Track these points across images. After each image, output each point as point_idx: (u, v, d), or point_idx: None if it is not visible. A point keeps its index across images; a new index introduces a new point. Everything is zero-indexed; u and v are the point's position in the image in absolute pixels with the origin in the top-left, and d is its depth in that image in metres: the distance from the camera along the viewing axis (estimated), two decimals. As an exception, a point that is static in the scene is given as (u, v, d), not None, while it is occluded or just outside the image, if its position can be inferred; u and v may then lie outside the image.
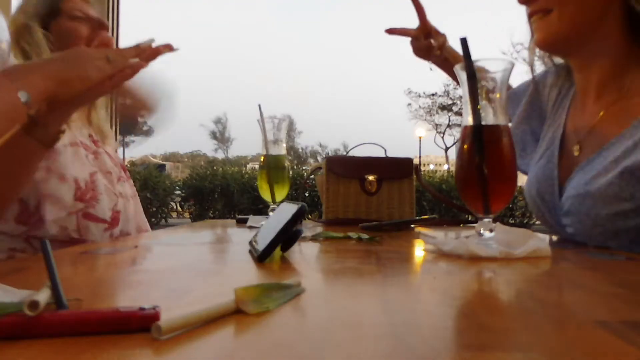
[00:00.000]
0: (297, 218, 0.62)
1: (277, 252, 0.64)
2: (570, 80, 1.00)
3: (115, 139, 1.43)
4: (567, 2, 0.85)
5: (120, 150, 1.29)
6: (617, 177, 0.78)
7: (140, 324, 0.30)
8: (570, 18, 0.85)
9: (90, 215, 1.04)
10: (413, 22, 1.23)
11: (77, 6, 1.14)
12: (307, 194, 6.58)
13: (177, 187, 8.82)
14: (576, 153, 0.90)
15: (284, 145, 1.20)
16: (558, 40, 0.88)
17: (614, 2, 0.84)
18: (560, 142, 0.95)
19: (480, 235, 0.66)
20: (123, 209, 1.13)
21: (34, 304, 0.30)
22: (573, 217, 0.87)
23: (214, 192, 7.73)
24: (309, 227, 1.17)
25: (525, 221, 10.41)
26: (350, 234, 0.90)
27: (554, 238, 0.95)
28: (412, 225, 1.17)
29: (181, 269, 0.59)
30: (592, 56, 0.89)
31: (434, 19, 1.23)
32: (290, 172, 1.21)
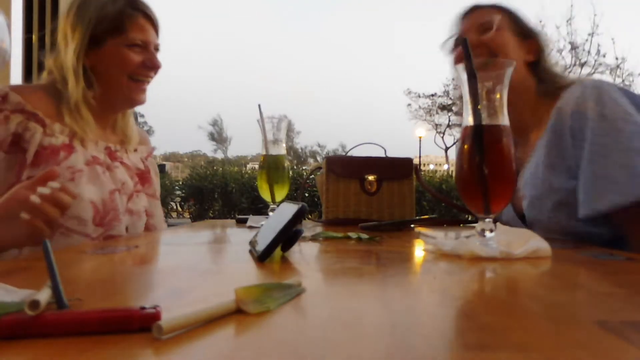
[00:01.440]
0: (297, 218, 0.62)
1: (277, 252, 0.64)
2: None
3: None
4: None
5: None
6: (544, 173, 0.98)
7: (141, 324, 0.30)
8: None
9: (111, 237, 1.05)
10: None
11: (142, 34, 1.10)
12: (307, 194, 6.57)
13: (177, 187, 8.82)
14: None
15: (284, 145, 1.20)
16: None
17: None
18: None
19: (480, 235, 0.67)
20: (132, 227, 1.14)
21: (34, 304, 0.30)
22: (525, 200, 1.03)
23: (213, 192, 7.73)
24: (309, 227, 1.17)
25: (525, 221, 10.37)
26: (350, 234, 0.90)
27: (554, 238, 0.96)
28: (412, 225, 1.17)
29: (181, 269, 0.59)
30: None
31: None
32: (290, 172, 1.21)
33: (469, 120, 0.67)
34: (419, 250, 0.76)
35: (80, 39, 1.07)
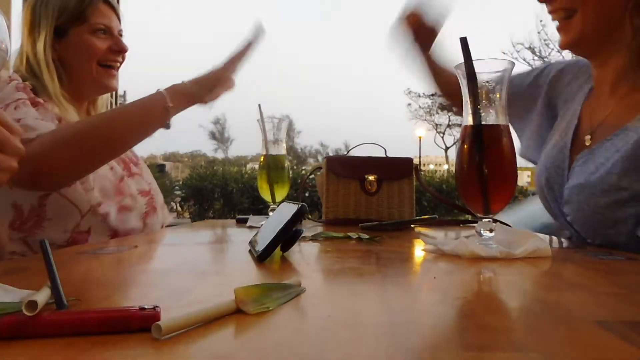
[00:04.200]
0: (297, 218, 0.62)
1: (277, 252, 0.64)
2: (587, 74, 1.03)
3: None
4: (589, 4, 0.88)
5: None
6: (617, 166, 0.80)
7: (140, 324, 0.30)
8: (593, 20, 0.89)
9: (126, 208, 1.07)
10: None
11: (103, 19, 1.11)
12: (307, 194, 6.57)
13: (177, 187, 8.81)
14: (587, 143, 0.92)
15: (284, 145, 1.20)
16: (581, 42, 0.92)
17: (627, 5, 0.87)
18: (573, 132, 0.97)
19: (480, 235, 0.66)
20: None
21: (32, 304, 0.30)
22: (573, 205, 0.89)
23: (213, 192, 7.73)
24: (309, 227, 1.17)
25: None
26: (350, 234, 0.90)
27: (555, 238, 0.96)
28: (412, 225, 1.17)
29: (181, 269, 0.59)
30: (609, 55, 0.92)
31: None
32: (290, 172, 1.21)
33: (468, 120, 0.67)
34: (419, 250, 0.76)
35: (46, 32, 1.08)
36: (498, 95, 0.67)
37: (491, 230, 0.66)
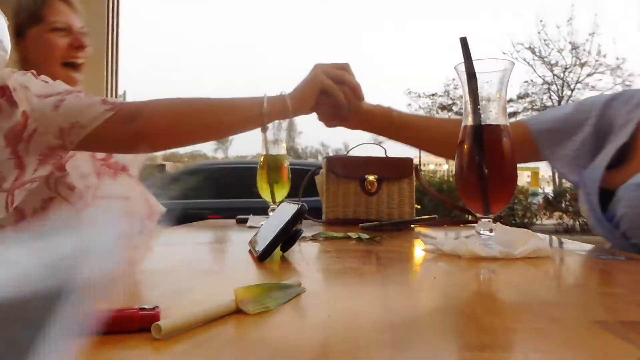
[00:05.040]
0: (297, 218, 0.62)
1: (277, 252, 0.64)
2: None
3: None
4: None
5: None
6: None
7: (140, 324, 0.30)
8: None
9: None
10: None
11: (61, 17, 1.10)
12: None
13: (177, 187, 8.83)
14: None
15: (284, 145, 1.20)
16: None
17: None
18: (621, 149, 0.94)
19: (480, 235, 0.66)
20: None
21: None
22: (624, 202, 0.86)
23: (214, 192, 7.73)
24: (309, 227, 1.17)
25: (525, 221, 10.40)
26: (350, 234, 0.90)
27: (555, 238, 0.95)
28: (412, 225, 1.17)
29: (181, 269, 0.59)
30: None
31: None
32: (290, 172, 1.21)
33: (468, 120, 0.67)
34: (419, 250, 0.76)
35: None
36: (498, 95, 0.67)
37: (491, 230, 0.66)
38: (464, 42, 0.66)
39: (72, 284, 0.15)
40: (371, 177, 1.32)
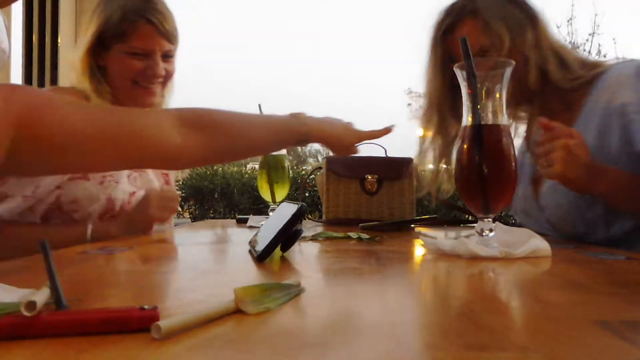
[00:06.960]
0: (297, 218, 0.62)
1: (277, 252, 0.64)
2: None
3: None
4: None
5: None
6: None
7: (140, 324, 0.30)
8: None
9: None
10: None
11: (142, 43, 1.09)
12: (307, 194, 6.57)
13: (177, 187, 8.82)
14: None
15: (284, 145, 1.20)
16: None
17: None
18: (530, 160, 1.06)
19: (480, 235, 0.66)
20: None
21: (31, 305, 0.30)
22: (550, 209, 0.98)
23: (214, 192, 7.72)
24: (309, 227, 1.17)
25: (525, 221, 10.37)
26: (350, 234, 0.90)
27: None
28: (412, 225, 1.17)
29: (181, 269, 0.59)
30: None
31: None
32: (291, 172, 1.21)
33: (468, 120, 0.67)
34: (419, 250, 0.76)
35: (90, 38, 1.09)
36: (498, 95, 0.67)
37: (491, 230, 0.66)
38: (464, 42, 0.66)
39: None
40: (371, 177, 1.32)
